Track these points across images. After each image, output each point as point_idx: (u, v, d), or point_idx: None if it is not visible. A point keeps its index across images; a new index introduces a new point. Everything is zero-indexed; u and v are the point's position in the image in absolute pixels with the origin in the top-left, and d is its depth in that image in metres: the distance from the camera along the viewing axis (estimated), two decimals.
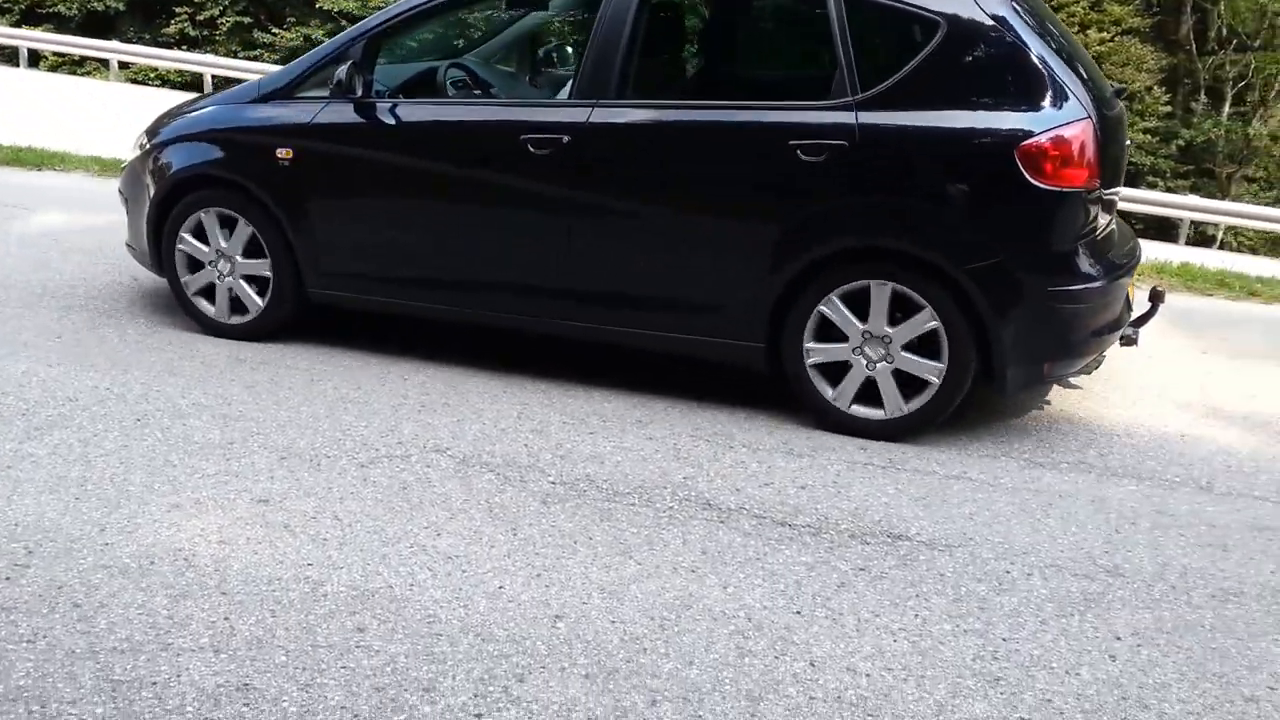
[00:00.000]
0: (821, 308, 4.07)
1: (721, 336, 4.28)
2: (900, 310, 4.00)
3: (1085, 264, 3.96)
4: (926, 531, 3.40)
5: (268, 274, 4.81)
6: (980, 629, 2.87)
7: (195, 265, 4.92)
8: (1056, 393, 4.72)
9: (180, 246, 4.89)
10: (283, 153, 4.63)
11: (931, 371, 3.99)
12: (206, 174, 4.79)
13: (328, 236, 4.68)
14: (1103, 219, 4.06)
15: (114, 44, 21.44)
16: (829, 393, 4.16)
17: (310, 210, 4.66)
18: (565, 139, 4.27)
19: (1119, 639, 2.85)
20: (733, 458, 3.90)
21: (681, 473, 3.74)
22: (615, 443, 3.97)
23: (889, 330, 4.00)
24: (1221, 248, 19.78)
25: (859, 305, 4.04)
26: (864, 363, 4.06)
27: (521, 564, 3.06)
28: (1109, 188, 4.08)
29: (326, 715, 2.36)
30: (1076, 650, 2.78)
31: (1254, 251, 19.99)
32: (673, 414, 4.30)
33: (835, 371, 4.15)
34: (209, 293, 4.95)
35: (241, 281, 4.86)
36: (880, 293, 3.99)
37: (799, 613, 2.89)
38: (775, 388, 4.33)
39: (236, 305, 4.93)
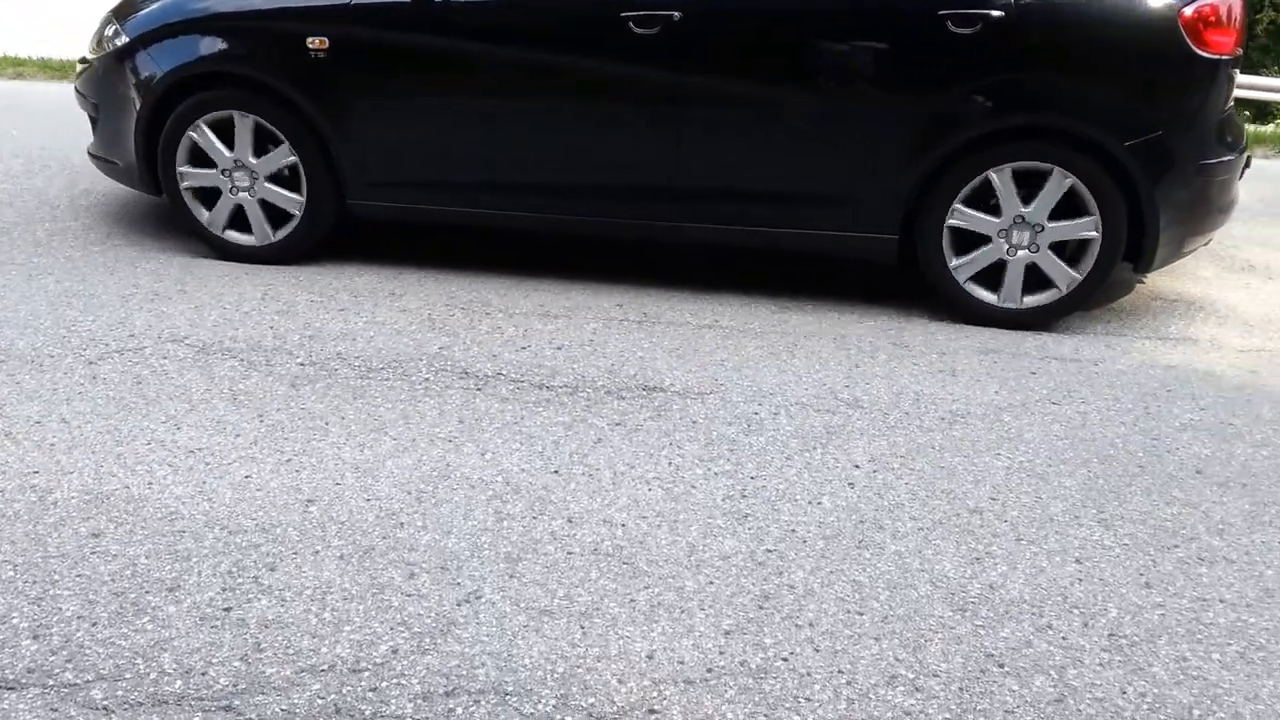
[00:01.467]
0: (958, 202, 3.92)
1: (850, 230, 4.03)
2: (1036, 189, 3.88)
3: (1227, 137, 3.95)
4: (680, 381, 3.48)
5: (296, 199, 4.33)
6: (730, 470, 2.97)
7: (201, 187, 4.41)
8: None
9: (183, 167, 4.35)
10: (316, 42, 4.05)
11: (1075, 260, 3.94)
12: (215, 71, 4.18)
13: (377, 140, 4.17)
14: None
15: None
16: (984, 295, 4.03)
17: (353, 110, 4.14)
18: (675, 15, 3.84)
19: (857, 467, 3.01)
20: (489, 324, 3.87)
21: (437, 343, 3.68)
22: (367, 318, 3.86)
23: (1030, 212, 3.88)
24: None
25: (991, 193, 3.91)
26: (1006, 248, 3.94)
27: (269, 450, 2.96)
28: None
29: (62, 628, 2.24)
30: (819, 481, 2.92)
31: None
32: (427, 284, 4.21)
33: (970, 247, 4.01)
34: (217, 210, 4.42)
35: (268, 192, 4.33)
36: (1018, 177, 3.86)
37: (556, 472, 2.92)
38: (539, 253, 4.30)
39: (241, 222, 4.43)
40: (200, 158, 4.32)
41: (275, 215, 4.37)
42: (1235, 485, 3.00)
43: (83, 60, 4.67)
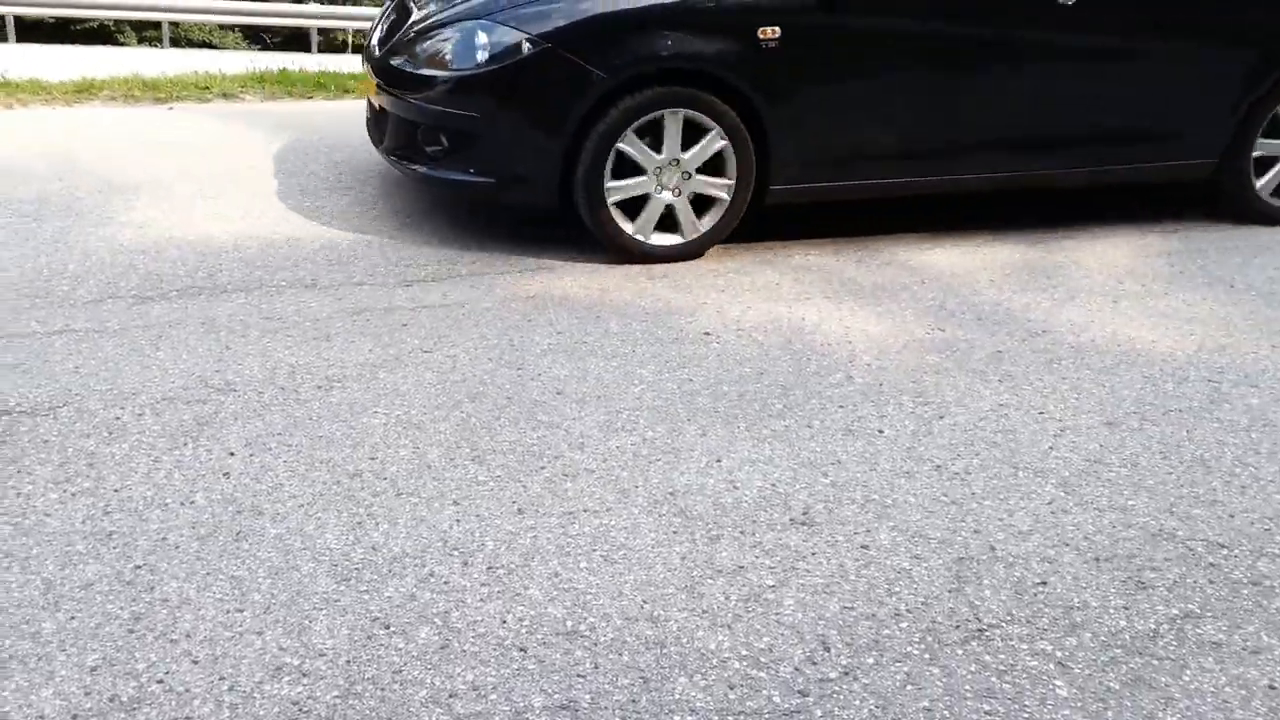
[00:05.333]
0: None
1: (1180, 159, 5.18)
2: None
3: None
4: (28, 399, 3.10)
5: (726, 184, 4.38)
6: (91, 487, 2.70)
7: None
8: (159, 216, 4.53)
9: (610, 182, 4.24)
10: (767, 32, 4.14)
11: None
12: (666, 68, 4.12)
13: (812, 124, 4.42)
14: None
15: None
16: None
17: (795, 96, 4.34)
18: None
19: (233, 454, 2.87)
20: None
21: None
22: None
23: None
24: (355, 51, 20.60)
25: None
26: None
27: None
28: None
29: None
30: (190, 479, 2.75)
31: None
32: None
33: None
34: (628, 210, 4.34)
35: (699, 184, 4.36)
36: None
37: None
38: None
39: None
40: (622, 169, 4.26)
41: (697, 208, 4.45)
42: (591, 399, 3.24)
43: (385, 69, 4.45)
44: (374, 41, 4.84)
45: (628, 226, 4.33)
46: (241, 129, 5.90)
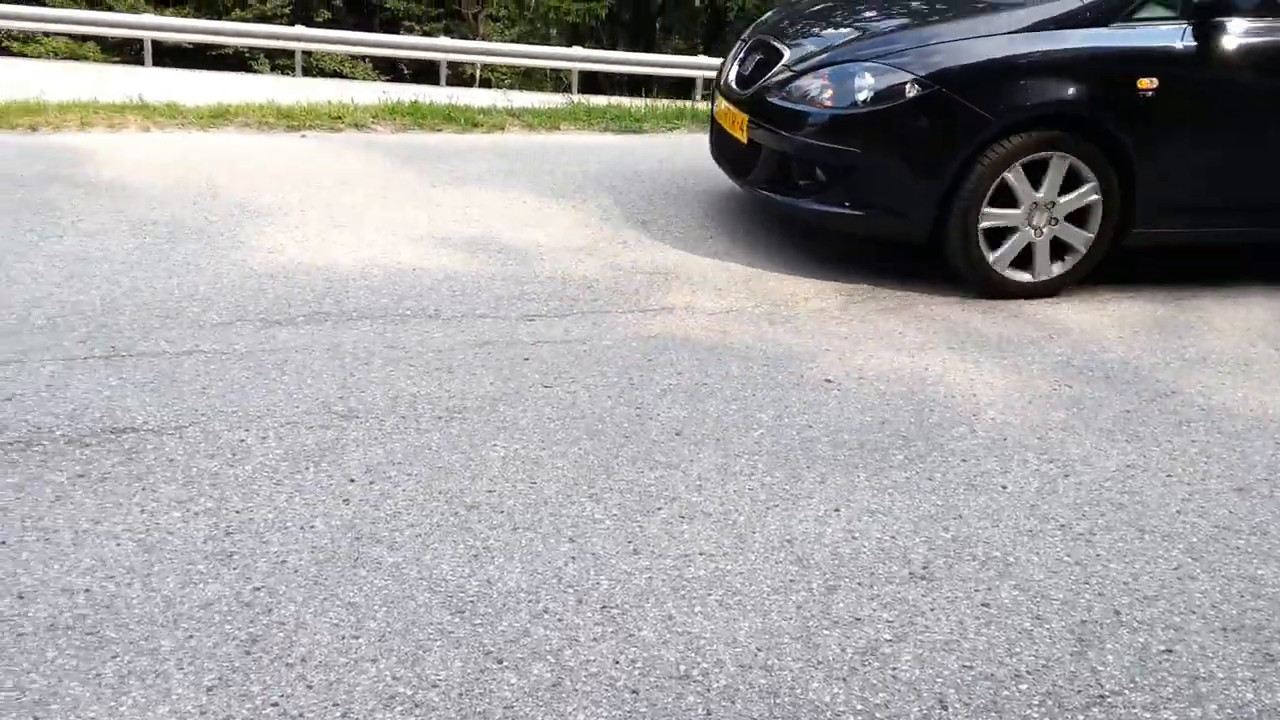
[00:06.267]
0: None
1: None
2: None
3: None
4: (155, 418, 3.18)
5: (1087, 237, 4.62)
6: (213, 507, 2.75)
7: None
8: (290, 243, 4.64)
9: (986, 208, 4.47)
10: (1146, 83, 4.37)
11: None
12: (1049, 114, 4.38)
13: (1180, 172, 4.56)
14: None
15: None
16: None
17: (1166, 146, 4.50)
18: None
19: (353, 481, 2.90)
20: None
21: None
22: None
23: None
24: (482, 85, 21.07)
25: None
26: None
27: None
28: None
29: None
30: (310, 503, 2.78)
31: (508, 85, 21.55)
32: None
33: None
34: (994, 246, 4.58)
35: (1063, 230, 4.61)
36: None
37: (4, 543, 2.56)
38: None
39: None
40: (996, 200, 4.49)
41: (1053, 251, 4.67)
42: (709, 442, 3.21)
43: (757, 106, 4.74)
44: (730, 78, 5.18)
45: (989, 255, 4.56)
46: (372, 159, 6.03)
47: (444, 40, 20.60)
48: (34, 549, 2.54)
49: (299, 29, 19.22)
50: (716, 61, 19.97)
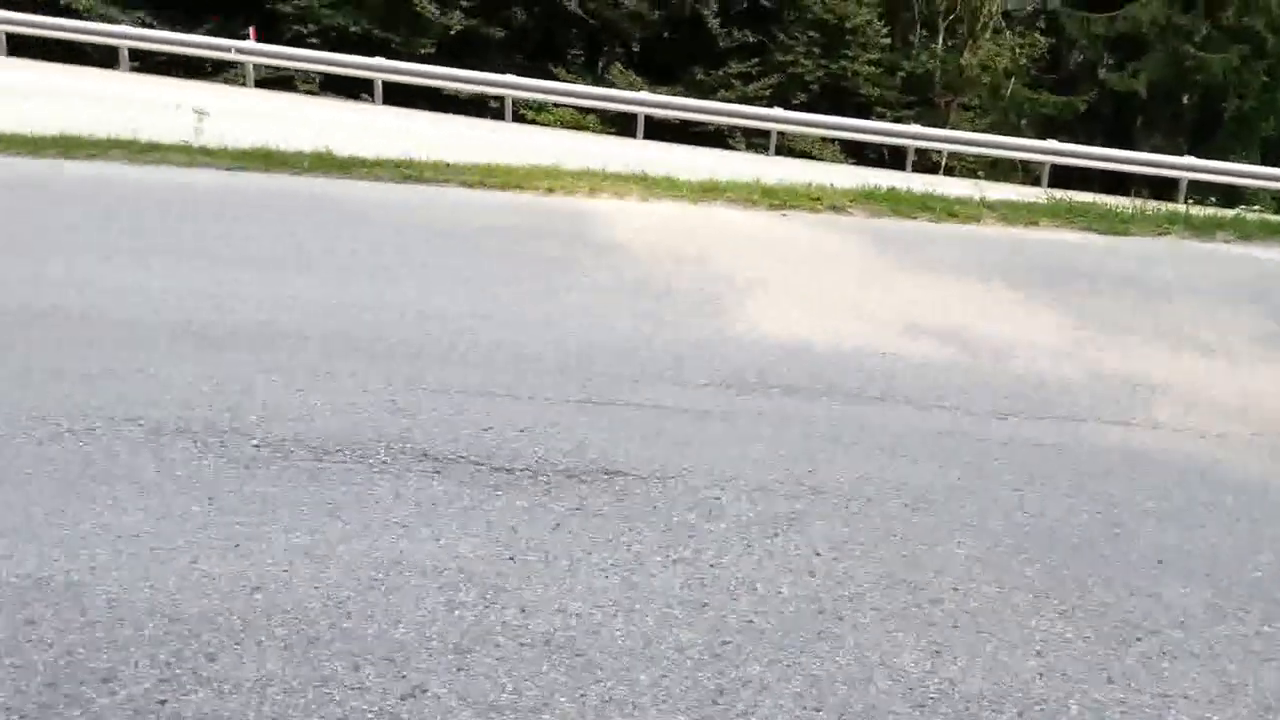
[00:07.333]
0: None
1: None
2: None
3: None
4: (643, 465, 3.44)
5: None
6: (690, 557, 2.92)
7: None
8: (768, 316, 4.85)
9: None
10: None
11: None
12: None
13: None
14: None
15: None
16: None
17: None
18: None
19: (819, 554, 2.96)
20: (450, 404, 3.82)
21: (397, 425, 3.63)
22: (326, 398, 3.81)
23: None
24: (946, 172, 21.00)
25: None
26: None
27: (217, 536, 2.89)
28: None
29: None
30: (779, 569, 2.88)
31: (974, 174, 21.30)
32: (390, 364, 4.17)
33: None
34: None
35: None
36: None
37: (512, 559, 2.86)
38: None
39: None
40: None
41: None
42: (1199, 575, 2.97)
43: None
44: None
45: None
46: (848, 241, 6.19)
47: (914, 127, 20.69)
48: (536, 570, 2.82)
49: (777, 110, 20.08)
50: (1205, 164, 18.65)
